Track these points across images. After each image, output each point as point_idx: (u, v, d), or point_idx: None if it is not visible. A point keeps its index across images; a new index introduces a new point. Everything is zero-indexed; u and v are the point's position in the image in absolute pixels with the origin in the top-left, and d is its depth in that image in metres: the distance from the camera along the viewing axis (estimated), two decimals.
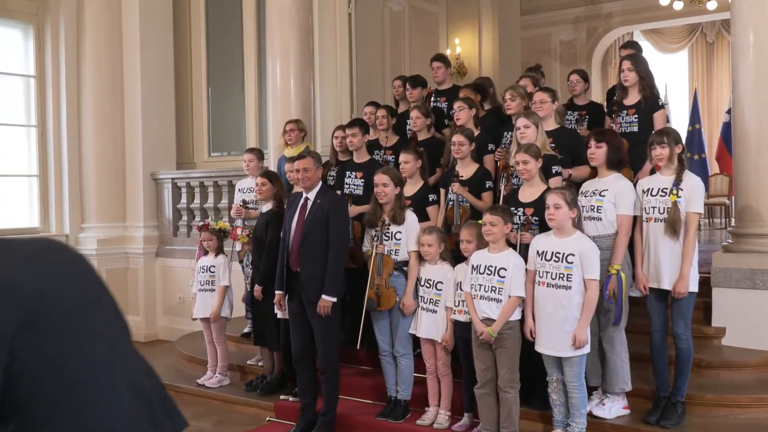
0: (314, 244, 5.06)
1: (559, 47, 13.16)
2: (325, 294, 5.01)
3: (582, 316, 4.39)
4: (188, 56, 10.18)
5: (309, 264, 5.07)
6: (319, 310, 5.02)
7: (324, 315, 5.02)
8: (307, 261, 5.08)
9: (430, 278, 5.08)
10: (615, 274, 4.61)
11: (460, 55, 11.06)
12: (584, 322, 4.39)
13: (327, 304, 5.02)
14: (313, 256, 5.06)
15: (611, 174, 4.78)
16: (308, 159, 5.19)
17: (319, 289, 5.02)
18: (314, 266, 5.05)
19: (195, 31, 10.15)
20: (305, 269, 5.08)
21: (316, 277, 5.03)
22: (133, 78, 9.40)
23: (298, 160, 5.25)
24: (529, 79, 6.50)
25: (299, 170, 5.16)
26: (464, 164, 5.52)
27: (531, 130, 5.15)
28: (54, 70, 9.37)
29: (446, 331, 5.00)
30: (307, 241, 5.08)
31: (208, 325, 6.39)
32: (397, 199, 5.22)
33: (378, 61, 9.83)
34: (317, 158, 5.29)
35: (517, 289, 4.58)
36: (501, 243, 4.69)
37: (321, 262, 5.04)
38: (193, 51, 10.17)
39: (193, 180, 9.28)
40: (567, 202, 4.42)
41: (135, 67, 9.38)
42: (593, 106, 6.80)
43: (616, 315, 4.65)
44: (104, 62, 9.33)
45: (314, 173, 5.18)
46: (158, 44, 9.57)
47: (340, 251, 5.10)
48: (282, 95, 7.42)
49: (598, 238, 4.63)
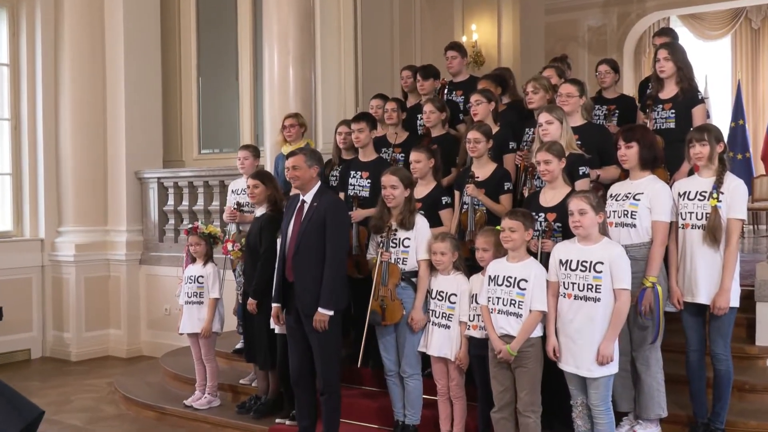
0: (309, 252, 5.06)
1: (587, 34, 13.16)
2: (321, 307, 5.01)
3: (609, 328, 4.36)
4: (177, 43, 10.22)
5: (304, 274, 5.07)
6: (315, 324, 5.01)
7: (321, 330, 5.02)
8: (301, 270, 5.08)
9: (442, 290, 5.07)
10: (651, 287, 4.59)
11: (477, 43, 11.05)
12: (611, 334, 4.36)
13: (323, 318, 5.01)
14: (308, 265, 5.06)
15: (645, 175, 4.76)
16: (299, 156, 5.19)
17: (315, 301, 5.02)
18: (309, 276, 5.05)
19: (184, 15, 10.20)
20: (300, 279, 5.08)
21: (311, 288, 5.03)
22: (116, 67, 9.44)
23: (290, 156, 5.26)
24: (554, 70, 6.49)
25: (289, 168, 5.17)
26: (481, 164, 5.51)
27: (554, 126, 5.14)
28: (29, 58, 9.42)
29: (460, 348, 4.99)
30: (301, 249, 5.08)
31: (196, 340, 6.39)
32: (406, 202, 5.22)
33: (386, 49, 9.83)
34: (311, 155, 5.27)
35: (539, 303, 4.56)
36: (521, 251, 4.68)
37: (317, 271, 5.04)
38: (183, 37, 10.21)
39: (181, 180, 9.30)
40: (593, 206, 4.40)
41: (118, 55, 9.42)
42: (624, 99, 6.78)
43: (654, 332, 4.64)
44: (84, 49, 9.38)
45: (305, 172, 5.17)
46: (144, 30, 9.61)
47: (337, 260, 5.08)
48: (280, 86, 7.43)
49: (632, 247, 4.61)
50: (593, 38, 13.18)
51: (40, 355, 9.37)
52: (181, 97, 10.24)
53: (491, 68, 9.00)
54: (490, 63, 10.69)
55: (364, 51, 9.04)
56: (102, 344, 9.41)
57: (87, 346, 9.26)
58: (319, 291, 5.00)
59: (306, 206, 5.18)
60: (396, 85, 8.67)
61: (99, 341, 9.38)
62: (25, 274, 9.23)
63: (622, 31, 13.18)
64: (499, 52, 10.96)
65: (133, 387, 7.19)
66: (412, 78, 7.03)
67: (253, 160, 6.74)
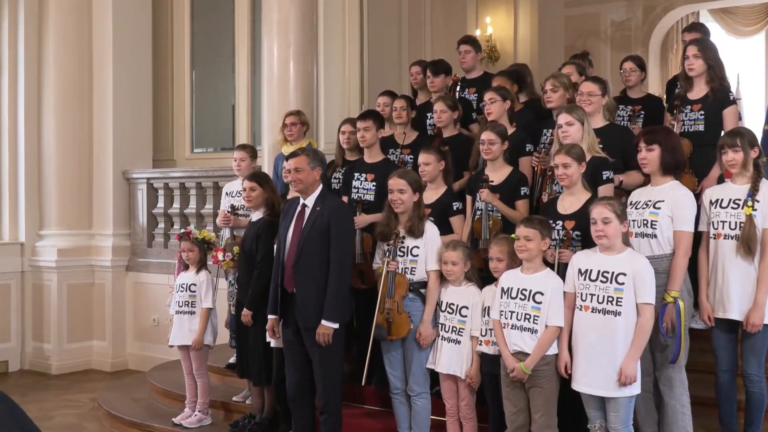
0: (312, 261, 5.07)
1: (611, 29, 13.14)
2: (325, 320, 5.01)
3: (632, 346, 4.34)
4: (169, 33, 10.24)
5: (306, 284, 5.08)
6: (318, 338, 5.02)
7: (324, 344, 5.02)
8: (303, 280, 5.09)
9: (453, 302, 5.07)
10: (672, 302, 4.58)
11: (491, 37, 11.06)
12: (634, 353, 4.34)
13: (327, 331, 5.02)
14: (310, 275, 5.07)
15: (667, 181, 4.75)
16: (302, 157, 5.20)
17: (318, 313, 5.02)
18: (312, 287, 5.06)
19: (177, 3, 10.23)
20: (301, 290, 5.09)
21: (314, 299, 5.04)
22: (104, 59, 9.47)
23: (290, 158, 5.26)
24: (574, 67, 6.49)
25: (290, 171, 5.17)
26: (495, 167, 5.51)
27: (575, 127, 5.14)
28: (11, 51, 9.46)
29: (471, 365, 4.99)
30: (303, 257, 5.09)
31: (187, 353, 6.39)
32: (415, 208, 5.22)
33: (394, 43, 9.85)
34: (314, 156, 5.29)
35: (556, 318, 4.55)
36: (537, 262, 4.68)
37: (320, 281, 5.05)
38: (175, 27, 10.23)
39: (172, 180, 9.32)
40: (617, 214, 4.40)
41: (106, 47, 9.45)
42: (650, 99, 6.78)
43: (674, 351, 4.62)
44: (70, 40, 9.41)
45: (308, 174, 5.18)
46: (133, 19, 9.65)
47: (342, 269, 5.10)
48: (279, 81, 7.44)
49: (653, 259, 4.59)
50: (616, 33, 13.17)
51: (19, 368, 9.38)
52: (173, 91, 10.26)
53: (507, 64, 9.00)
54: (505, 59, 10.70)
55: (370, 44, 9.05)
56: (85, 356, 9.42)
57: (69, 358, 9.26)
58: (323, 302, 5.01)
59: (307, 211, 5.19)
60: (404, 81, 8.68)
61: (82, 353, 9.38)
62: (3, 281, 9.24)
63: (648, 25, 13.16)
64: (515, 47, 10.96)
65: (118, 403, 7.18)
66: (421, 74, 7.04)
67: (251, 161, 6.75)
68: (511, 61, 9.59)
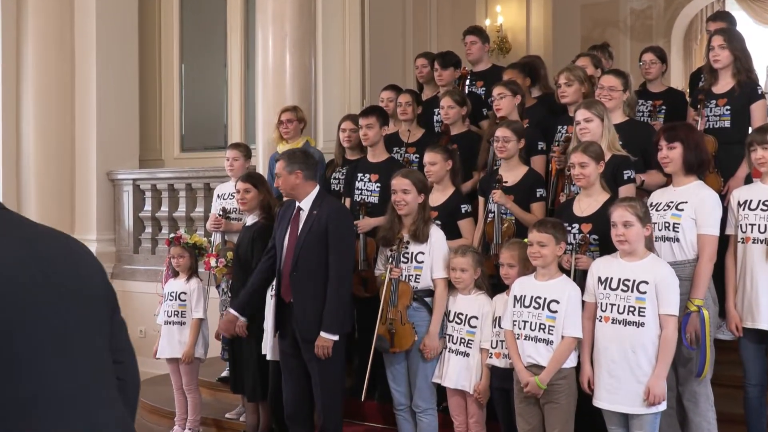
0: (310, 268, 5.09)
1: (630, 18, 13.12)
2: (325, 331, 5.02)
3: (658, 362, 4.33)
4: (156, 25, 10.25)
5: (304, 293, 5.10)
6: (318, 351, 5.03)
7: (324, 357, 5.03)
8: (301, 290, 5.11)
9: (461, 312, 5.07)
10: (696, 311, 4.57)
11: (502, 27, 11.07)
12: (661, 370, 4.34)
13: (326, 343, 5.03)
14: (309, 284, 5.09)
15: (690, 181, 4.75)
16: (279, 162, 5.26)
17: (317, 324, 5.04)
18: (311, 296, 5.08)
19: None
20: (299, 300, 5.11)
21: (313, 309, 5.06)
22: (87, 52, 9.48)
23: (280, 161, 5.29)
24: (589, 59, 6.49)
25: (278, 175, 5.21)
26: (510, 166, 5.52)
27: (594, 124, 5.15)
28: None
29: (480, 379, 4.99)
30: (300, 265, 5.10)
31: (176, 367, 6.40)
32: (420, 210, 5.22)
33: (397, 34, 9.85)
34: (290, 158, 5.30)
35: (573, 328, 4.55)
36: (552, 268, 4.67)
37: (319, 290, 5.07)
38: (163, 19, 10.25)
39: (160, 182, 9.33)
40: (639, 217, 4.39)
41: (89, 39, 9.46)
42: (672, 94, 6.79)
43: (699, 364, 4.61)
44: (51, 32, 9.42)
45: (286, 179, 5.21)
46: (119, 9, 9.67)
47: (343, 276, 5.12)
48: (275, 75, 7.45)
49: (676, 264, 4.59)
50: (636, 22, 13.14)
51: None
52: (161, 86, 10.27)
53: (518, 56, 9.01)
54: (517, 50, 10.72)
55: (372, 35, 9.06)
56: None
57: None
58: (322, 312, 5.03)
59: (303, 215, 5.20)
60: (408, 74, 8.70)
61: None
62: None
63: (670, 14, 13.15)
64: (527, 37, 10.98)
65: None
66: (428, 67, 7.05)
67: (244, 161, 6.76)
68: (523, 53, 9.62)
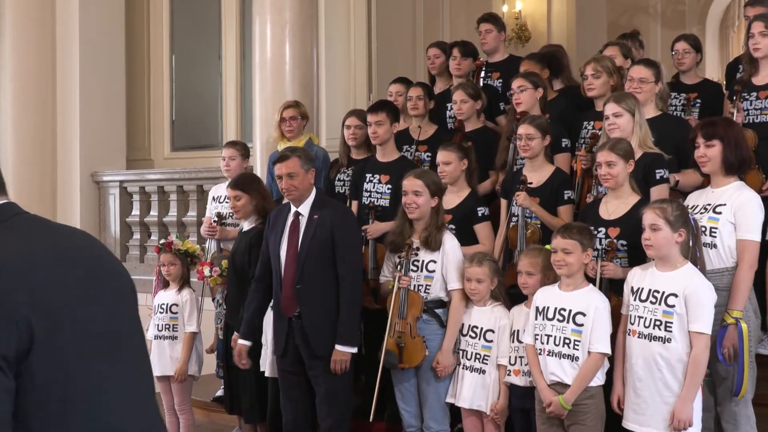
0: (316, 279, 5.09)
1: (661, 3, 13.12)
2: (342, 344, 5.04)
3: (685, 384, 4.30)
4: (145, 14, 10.27)
5: (313, 306, 5.10)
6: (335, 366, 5.04)
7: (340, 372, 5.05)
8: (309, 302, 5.11)
9: (476, 325, 5.06)
10: (734, 323, 4.54)
11: (521, 14, 11.06)
12: (688, 392, 4.30)
13: (345, 357, 5.05)
14: (317, 295, 5.09)
15: (729, 182, 4.73)
16: (293, 160, 5.22)
17: (330, 338, 5.04)
18: (321, 308, 5.09)
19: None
20: (309, 313, 5.11)
21: (325, 322, 5.06)
22: (69, 43, 9.50)
23: (278, 161, 5.27)
24: (617, 48, 6.48)
25: (281, 177, 5.19)
26: (534, 166, 5.51)
27: (624, 119, 5.14)
28: None
29: (498, 398, 4.98)
30: (307, 275, 5.10)
31: (168, 385, 6.39)
32: (432, 215, 5.22)
33: (407, 22, 9.85)
34: (306, 156, 5.32)
35: (601, 343, 4.53)
36: (577, 277, 4.66)
37: (329, 302, 5.08)
38: (152, 6, 10.26)
39: (149, 183, 9.35)
40: (669, 221, 4.36)
41: (72, 28, 9.48)
42: (708, 86, 6.77)
43: (737, 382, 4.58)
44: (31, 25, 9.45)
45: (303, 179, 5.21)
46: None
47: (354, 285, 5.13)
48: (274, 68, 7.46)
49: (713, 273, 4.58)
50: (668, 8, 13.14)
51: None
52: (150, 81, 10.29)
53: (539, 45, 9.00)
54: (537, 39, 10.71)
55: (379, 23, 9.07)
56: None
57: None
58: (332, 325, 5.04)
59: (303, 221, 5.20)
60: (418, 66, 8.69)
61: None
62: None
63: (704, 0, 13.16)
64: (549, 25, 10.98)
65: None
66: (441, 57, 7.05)
67: (241, 160, 6.77)
68: (544, 42, 9.60)
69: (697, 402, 4.36)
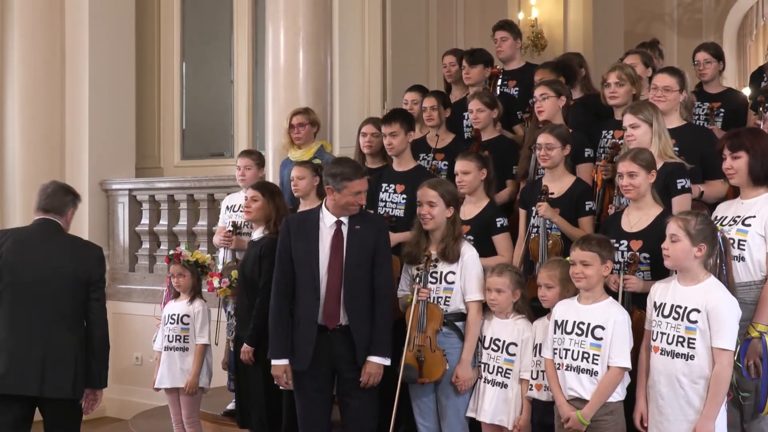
0: (360, 289, 5.10)
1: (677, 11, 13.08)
2: (378, 355, 5.05)
3: (708, 401, 4.28)
4: (155, 20, 10.28)
5: (360, 317, 5.10)
6: (368, 379, 5.04)
7: (374, 385, 5.06)
8: (356, 313, 5.10)
9: (498, 338, 5.03)
10: (758, 337, 4.52)
11: (537, 22, 11.05)
12: (710, 410, 4.27)
13: (378, 370, 5.05)
14: (362, 305, 5.10)
15: (760, 193, 4.70)
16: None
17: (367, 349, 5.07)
18: (365, 320, 5.10)
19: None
20: (357, 324, 5.10)
21: (367, 334, 5.08)
22: (79, 50, 9.51)
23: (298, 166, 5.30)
24: (638, 56, 6.47)
25: (360, 192, 5.18)
26: (555, 176, 5.49)
27: (641, 130, 5.14)
28: None
29: (520, 413, 4.95)
30: (353, 285, 5.10)
31: (176, 398, 6.37)
32: (449, 225, 5.20)
33: (421, 29, 9.86)
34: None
35: (621, 357, 4.51)
36: (597, 290, 4.64)
37: (370, 313, 5.10)
38: (163, 11, 10.27)
39: (159, 192, 9.34)
40: (689, 233, 4.33)
41: (81, 35, 9.50)
42: (731, 95, 6.76)
43: (761, 398, 4.56)
44: (39, 29, 9.45)
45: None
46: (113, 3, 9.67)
47: (390, 295, 5.20)
48: (287, 75, 7.44)
49: (741, 286, 4.55)
50: (684, 16, 13.10)
51: None
52: (161, 88, 10.30)
53: (555, 53, 8.99)
54: (553, 47, 10.70)
55: (393, 30, 9.08)
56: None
57: None
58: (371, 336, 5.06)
59: (345, 230, 5.17)
60: (432, 73, 8.69)
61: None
62: None
63: (722, 7, 13.10)
64: (565, 33, 10.96)
65: None
66: (456, 65, 7.05)
67: (257, 169, 6.76)
68: (560, 50, 9.60)
69: (721, 419, 4.33)
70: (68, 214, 5.32)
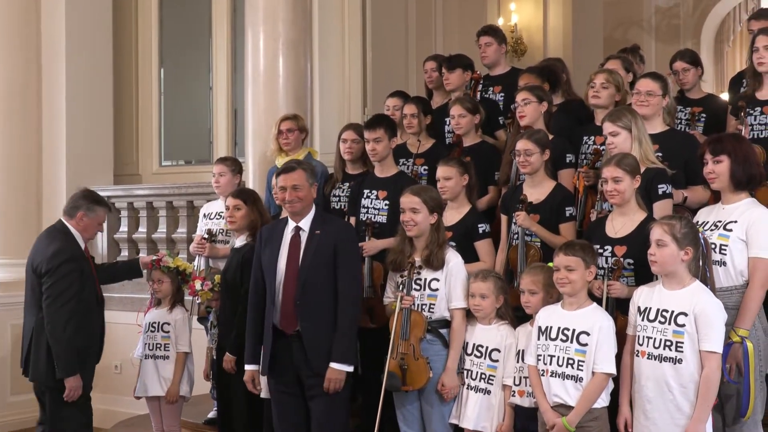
0: (318, 294, 5.08)
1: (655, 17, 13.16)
2: (338, 362, 5.02)
3: (698, 404, 4.30)
4: (133, 25, 10.26)
5: (314, 323, 5.08)
6: (329, 385, 5.02)
7: (333, 392, 5.02)
8: (310, 318, 5.08)
9: (481, 344, 5.04)
10: (739, 342, 4.53)
11: (516, 27, 11.08)
12: (701, 413, 4.29)
13: (339, 376, 5.02)
14: (318, 311, 5.07)
15: (741, 198, 4.72)
16: (299, 172, 5.21)
17: (327, 355, 5.02)
18: (322, 325, 5.07)
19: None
20: (310, 330, 5.08)
21: (326, 339, 5.05)
22: (55, 54, 9.47)
23: (282, 173, 5.26)
24: (619, 62, 6.50)
25: (285, 188, 5.17)
26: (534, 182, 5.50)
27: (621, 138, 5.16)
28: None
29: (503, 420, 4.95)
30: (308, 290, 5.08)
31: (157, 406, 6.35)
32: (433, 232, 5.19)
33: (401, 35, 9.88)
34: (311, 170, 5.33)
35: (606, 363, 4.52)
36: (581, 296, 4.65)
37: (329, 319, 5.06)
38: (141, 17, 10.26)
39: (137, 199, 9.32)
40: (675, 237, 4.36)
41: (58, 39, 9.46)
42: (712, 100, 6.80)
43: (743, 402, 4.57)
44: (15, 35, 9.41)
45: (308, 192, 5.21)
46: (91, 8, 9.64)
47: (354, 303, 5.13)
48: (266, 80, 7.43)
49: (722, 291, 4.57)
50: (662, 22, 13.18)
51: None
52: (138, 93, 10.28)
53: (535, 58, 9.02)
54: (533, 52, 10.74)
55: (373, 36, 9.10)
56: (33, 411, 9.26)
57: (13, 413, 9.20)
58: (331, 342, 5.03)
59: (304, 236, 5.18)
60: (412, 79, 8.71)
61: (29, 407, 9.23)
62: None
63: (700, 12, 13.19)
64: (544, 38, 11.00)
65: None
66: (437, 71, 7.05)
67: (232, 176, 6.74)
68: (540, 55, 9.64)
69: (709, 423, 4.35)
70: (77, 216, 6.00)
